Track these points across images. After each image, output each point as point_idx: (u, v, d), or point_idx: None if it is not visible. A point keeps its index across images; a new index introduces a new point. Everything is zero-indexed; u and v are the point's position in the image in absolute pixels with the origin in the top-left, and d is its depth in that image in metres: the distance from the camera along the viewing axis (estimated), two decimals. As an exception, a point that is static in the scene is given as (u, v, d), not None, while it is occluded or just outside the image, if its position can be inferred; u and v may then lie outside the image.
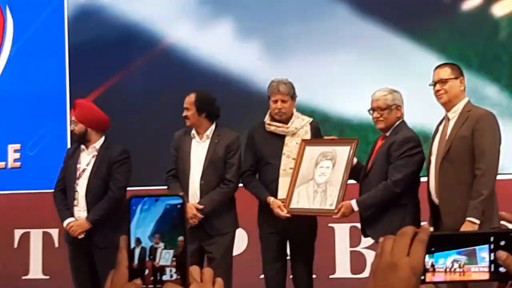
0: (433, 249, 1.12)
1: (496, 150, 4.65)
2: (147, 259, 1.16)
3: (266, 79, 5.53)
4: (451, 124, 4.75)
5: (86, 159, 5.55)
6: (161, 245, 1.17)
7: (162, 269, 1.16)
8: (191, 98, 5.47)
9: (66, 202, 5.51)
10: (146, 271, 1.16)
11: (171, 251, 1.17)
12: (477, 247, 1.13)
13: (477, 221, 4.53)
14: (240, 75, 6.99)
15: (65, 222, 5.44)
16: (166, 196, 1.19)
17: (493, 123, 4.67)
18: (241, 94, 6.88)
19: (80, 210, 5.45)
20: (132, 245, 1.17)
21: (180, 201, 1.19)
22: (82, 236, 5.37)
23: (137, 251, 1.17)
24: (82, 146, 5.57)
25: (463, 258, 1.13)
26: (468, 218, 4.54)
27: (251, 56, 6.96)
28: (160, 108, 7.07)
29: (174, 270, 1.17)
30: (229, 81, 6.97)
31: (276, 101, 5.29)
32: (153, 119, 7.13)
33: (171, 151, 5.54)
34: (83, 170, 5.50)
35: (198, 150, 5.46)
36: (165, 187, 5.52)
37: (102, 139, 5.59)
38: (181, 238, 1.17)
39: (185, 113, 5.45)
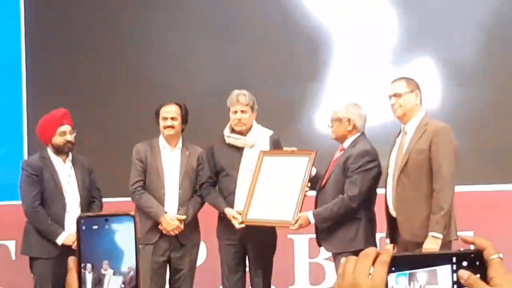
0: (393, 268, 1.13)
1: (453, 164, 4.66)
2: (95, 285, 1.15)
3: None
4: (408, 137, 4.77)
5: (66, 170, 5.39)
6: (110, 271, 1.15)
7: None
8: (177, 108, 5.46)
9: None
10: None
11: (120, 278, 1.15)
12: (438, 267, 1.13)
13: (440, 236, 4.54)
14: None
15: (61, 237, 5.20)
16: (116, 215, 1.17)
17: (450, 137, 4.69)
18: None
19: (75, 222, 5.24)
20: (82, 269, 1.15)
21: (131, 220, 1.17)
22: None
23: (88, 277, 1.16)
24: (55, 157, 5.37)
25: (424, 279, 1.14)
26: (430, 233, 4.55)
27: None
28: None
29: None
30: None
31: (235, 112, 5.30)
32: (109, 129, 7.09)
33: (135, 163, 5.49)
34: (68, 182, 5.36)
35: (171, 161, 5.47)
36: (129, 198, 5.49)
37: None
38: (131, 264, 1.15)
39: (170, 123, 5.42)
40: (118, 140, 6.89)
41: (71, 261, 1.16)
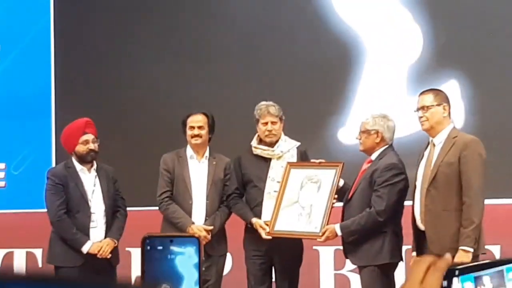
0: (457, 272, 1.11)
1: (483, 177, 4.63)
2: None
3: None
4: (437, 150, 4.74)
5: (91, 179, 5.39)
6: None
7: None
8: (203, 117, 5.48)
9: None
10: None
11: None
12: (505, 267, 1.12)
13: (471, 250, 4.52)
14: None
15: (87, 246, 5.24)
16: (181, 237, 1.18)
17: (479, 150, 4.66)
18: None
19: (100, 231, 5.32)
20: None
21: (195, 242, 1.17)
22: (109, 255, 5.27)
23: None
24: (80, 166, 5.38)
25: (491, 282, 1.12)
26: (461, 247, 4.53)
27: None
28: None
29: None
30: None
31: (266, 123, 5.30)
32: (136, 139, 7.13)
33: (162, 173, 5.50)
34: (92, 191, 5.37)
35: (198, 171, 5.48)
36: (156, 208, 5.51)
37: None
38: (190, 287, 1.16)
39: (197, 132, 5.43)
40: (143, 149, 6.93)
41: (137, 280, 1.17)
